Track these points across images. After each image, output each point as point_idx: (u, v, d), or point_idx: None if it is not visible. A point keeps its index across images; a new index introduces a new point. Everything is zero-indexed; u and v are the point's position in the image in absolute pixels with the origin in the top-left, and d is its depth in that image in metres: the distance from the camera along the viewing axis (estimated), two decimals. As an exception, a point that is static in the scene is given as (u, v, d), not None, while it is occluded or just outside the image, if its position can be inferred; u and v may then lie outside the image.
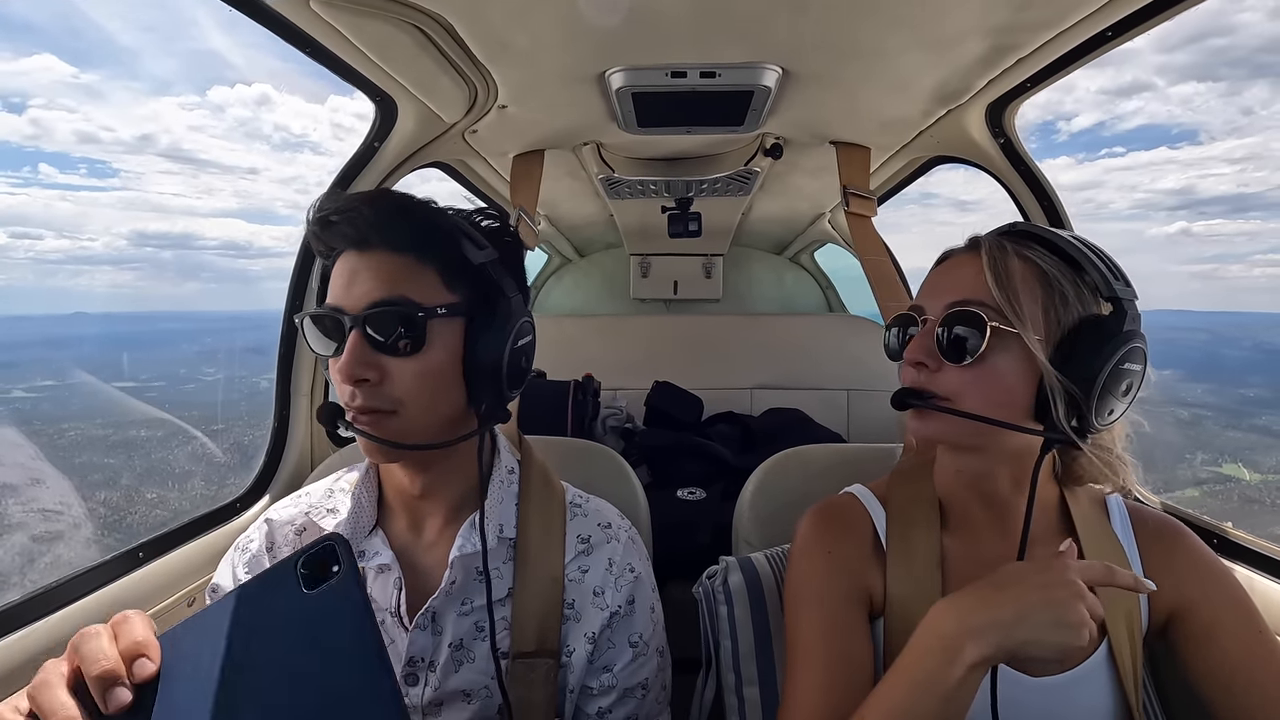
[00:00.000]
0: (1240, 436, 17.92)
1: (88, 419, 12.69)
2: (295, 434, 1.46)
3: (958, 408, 0.73)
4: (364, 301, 0.73)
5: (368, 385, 0.73)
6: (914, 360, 0.75)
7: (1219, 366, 33.70)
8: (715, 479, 2.02)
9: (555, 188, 2.28)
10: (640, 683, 0.84)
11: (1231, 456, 13.93)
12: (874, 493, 0.90)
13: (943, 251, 0.83)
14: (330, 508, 0.87)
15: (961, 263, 0.78)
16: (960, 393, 0.73)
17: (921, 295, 0.80)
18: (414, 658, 0.80)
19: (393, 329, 0.74)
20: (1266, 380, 32.73)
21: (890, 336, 0.83)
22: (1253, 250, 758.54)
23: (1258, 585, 0.96)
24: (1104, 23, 0.99)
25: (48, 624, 0.87)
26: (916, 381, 0.76)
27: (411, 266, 0.76)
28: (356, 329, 0.73)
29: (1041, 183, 1.40)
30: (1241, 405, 23.44)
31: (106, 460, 2.17)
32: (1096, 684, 0.75)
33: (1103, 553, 0.79)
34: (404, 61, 1.13)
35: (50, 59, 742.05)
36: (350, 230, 0.75)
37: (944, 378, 0.74)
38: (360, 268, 0.75)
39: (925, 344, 0.75)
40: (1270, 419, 21.81)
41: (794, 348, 2.77)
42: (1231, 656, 0.73)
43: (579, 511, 0.91)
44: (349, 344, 0.72)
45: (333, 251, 0.77)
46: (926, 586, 0.79)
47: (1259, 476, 11.96)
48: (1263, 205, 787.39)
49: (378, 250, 0.75)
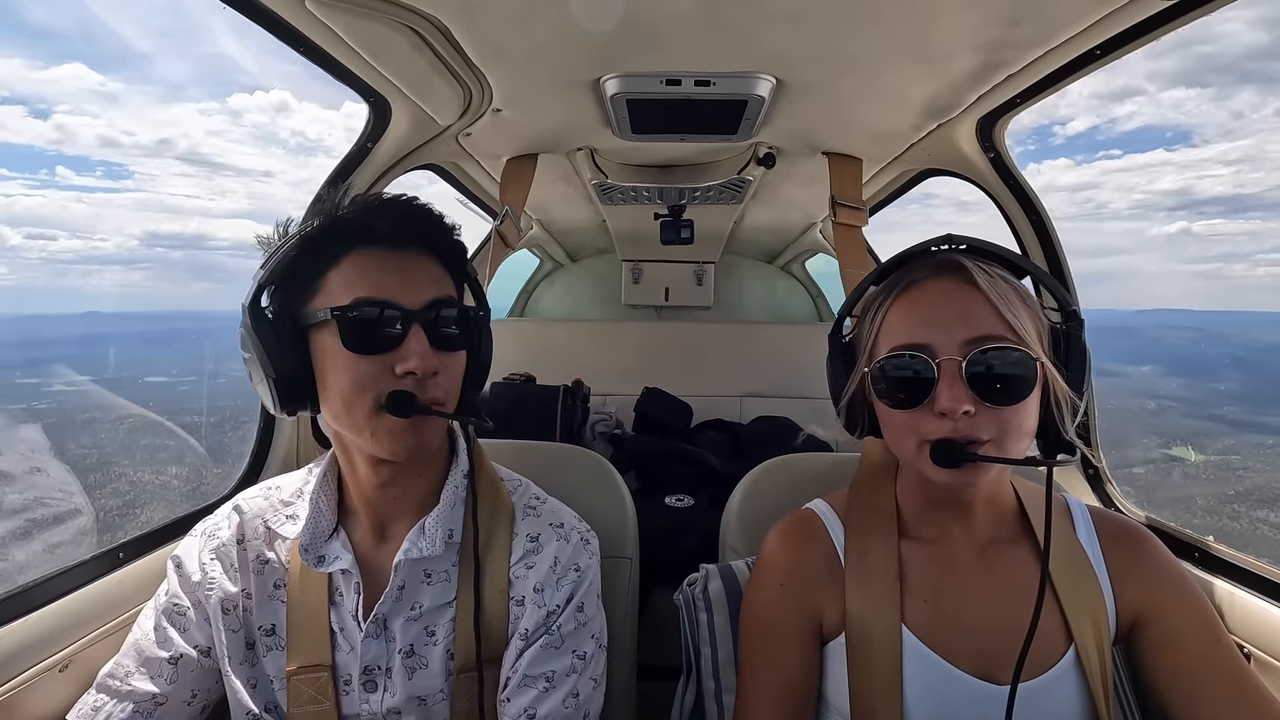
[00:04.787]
0: (1197, 424, 19.10)
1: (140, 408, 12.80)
2: (281, 435, 1.44)
3: (1006, 454, 0.70)
4: (423, 299, 0.76)
5: (433, 378, 0.76)
6: (960, 409, 0.68)
7: (1198, 362, 34.53)
8: (703, 486, 2.03)
9: (548, 192, 2.28)
10: (544, 674, 0.80)
11: (1183, 441, 14.81)
12: (833, 506, 0.90)
13: (892, 268, 0.78)
14: (290, 514, 0.87)
15: (950, 290, 0.73)
16: (1004, 434, 0.69)
17: (915, 331, 0.73)
18: (369, 665, 0.81)
19: (450, 327, 0.78)
20: (1240, 375, 33.65)
21: (887, 377, 0.74)
22: (1255, 250, 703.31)
23: (1238, 600, 0.97)
24: (1093, 41, 1.00)
25: (26, 623, 0.86)
26: (957, 431, 0.69)
27: (440, 269, 0.81)
28: (418, 324, 0.75)
29: (1030, 197, 1.42)
30: (1208, 397, 24.55)
31: (168, 442, 2.21)
32: (1065, 689, 0.75)
33: (1067, 557, 0.80)
34: (398, 63, 1.13)
35: (79, 68, 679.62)
36: (388, 228, 0.77)
37: (981, 423, 0.69)
38: (408, 266, 0.77)
39: (961, 390, 0.69)
40: (1230, 409, 22.90)
41: (784, 356, 2.79)
42: (1191, 663, 0.74)
43: (532, 512, 0.91)
44: (415, 337, 0.74)
45: (339, 249, 0.77)
46: (884, 600, 0.79)
47: (1203, 457, 13.03)
48: (1262, 206, 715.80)
49: (414, 251, 0.79)
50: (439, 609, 0.83)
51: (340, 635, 0.82)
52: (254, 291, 0.75)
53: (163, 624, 0.83)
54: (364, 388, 0.74)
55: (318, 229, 0.77)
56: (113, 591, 0.98)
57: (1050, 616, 0.76)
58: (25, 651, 0.85)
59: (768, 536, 0.90)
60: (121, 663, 0.82)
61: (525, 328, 3.19)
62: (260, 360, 0.75)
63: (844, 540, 0.85)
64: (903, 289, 0.76)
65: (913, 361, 0.72)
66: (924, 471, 0.73)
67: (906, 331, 0.73)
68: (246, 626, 0.84)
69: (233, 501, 0.90)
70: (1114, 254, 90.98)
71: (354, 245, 0.76)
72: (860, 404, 0.82)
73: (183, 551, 0.87)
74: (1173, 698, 0.75)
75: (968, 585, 0.80)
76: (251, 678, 0.83)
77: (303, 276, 0.76)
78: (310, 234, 0.76)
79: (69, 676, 0.89)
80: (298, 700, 0.81)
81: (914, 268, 0.76)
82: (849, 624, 0.80)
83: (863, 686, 0.77)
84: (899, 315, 0.75)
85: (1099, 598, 0.79)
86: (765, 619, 0.84)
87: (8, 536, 1.18)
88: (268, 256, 0.77)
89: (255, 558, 0.86)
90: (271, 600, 0.84)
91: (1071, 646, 0.76)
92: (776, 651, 0.82)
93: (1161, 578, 0.80)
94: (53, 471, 1.30)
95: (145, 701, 0.79)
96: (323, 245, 0.77)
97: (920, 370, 0.71)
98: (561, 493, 0.99)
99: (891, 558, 0.81)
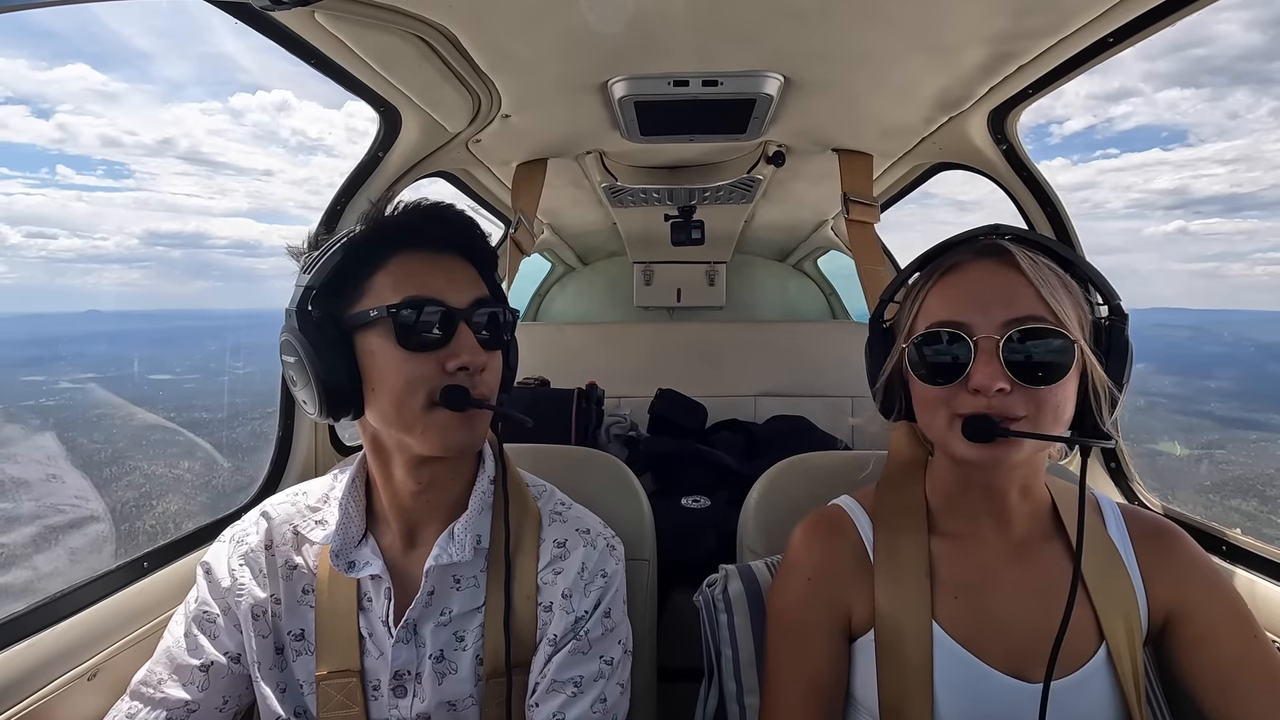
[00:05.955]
0: (1184, 420, 19.35)
1: (149, 405, 13.19)
2: (299, 443, 1.46)
3: (1042, 430, 0.69)
4: (468, 298, 0.78)
5: (481, 374, 0.78)
6: (994, 387, 0.69)
7: (1191, 360, 34.39)
8: (719, 486, 2.02)
9: (558, 196, 2.29)
10: (572, 679, 0.81)
11: (1169, 436, 15.13)
12: (861, 503, 0.90)
13: (937, 253, 0.79)
14: (319, 519, 0.88)
15: (993, 272, 0.73)
16: (1039, 414, 0.69)
17: (954, 310, 0.73)
18: (399, 670, 0.81)
19: (496, 326, 0.81)
20: (1231, 373, 33.57)
21: (924, 354, 0.75)
22: (1253, 249, 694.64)
23: (1260, 589, 0.96)
24: (1105, 29, 0.99)
25: (53, 633, 0.87)
26: (991, 408, 0.70)
27: (475, 273, 0.82)
28: (464, 322, 0.77)
29: (1045, 189, 1.40)
30: (1198, 394, 24.79)
31: (177, 439, 2.24)
32: (1097, 687, 0.74)
33: (1099, 554, 0.79)
34: (408, 72, 1.14)
35: (84, 68, 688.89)
36: (437, 231, 0.79)
37: (1016, 401, 0.69)
38: (450, 268, 0.79)
39: (997, 367, 0.69)
40: (1218, 406, 23.26)
41: (797, 355, 2.77)
42: (1227, 660, 0.73)
43: (558, 518, 0.91)
44: (463, 336, 0.76)
45: (385, 252, 0.78)
46: (915, 597, 0.79)
47: (1187, 451, 13.50)
48: (1258, 205, 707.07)
49: (454, 255, 0.81)
50: (468, 614, 0.84)
51: (369, 640, 0.83)
52: (300, 296, 0.75)
53: (193, 631, 0.84)
54: (416, 385, 0.75)
55: (364, 233, 0.77)
56: (138, 600, 1.00)
57: (1082, 614, 0.75)
58: (54, 661, 0.87)
59: (794, 533, 0.89)
60: (154, 670, 0.83)
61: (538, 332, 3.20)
62: (310, 364, 0.74)
63: (873, 536, 0.85)
64: (944, 272, 0.77)
65: (950, 338, 0.72)
66: (952, 449, 0.73)
67: (946, 310, 0.74)
68: (275, 632, 0.85)
69: (260, 507, 0.91)
70: (1111, 253, 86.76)
71: (400, 248, 0.78)
72: (897, 385, 0.83)
73: (212, 557, 0.88)
74: (1208, 695, 0.73)
75: (999, 582, 0.79)
76: (281, 683, 0.84)
77: (348, 280, 0.77)
78: (357, 238, 0.77)
79: (97, 685, 0.90)
80: (326, 705, 0.82)
81: (957, 252, 0.77)
82: (878, 620, 0.79)
83: (892, 683, 0.76)
84: (939, 296, 0.76)
85: (1131, 596, 0.77)
86: (792, 616, 0.84)
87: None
88: (312, 261, 0.77)
89: (284, 563, 0.86)
90: (300, 605, 0.85)
91: (1103, 645, 0.75)
92: (804, 649, 0.82)
93: (1194, 575, 0.78)
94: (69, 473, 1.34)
95: (178, 708, 0.81)
96: (369, 249, 0.77)
97: (957, 347, 0.72)
98: (579, 496, 0.99)
99: (922, 553, 0.81)
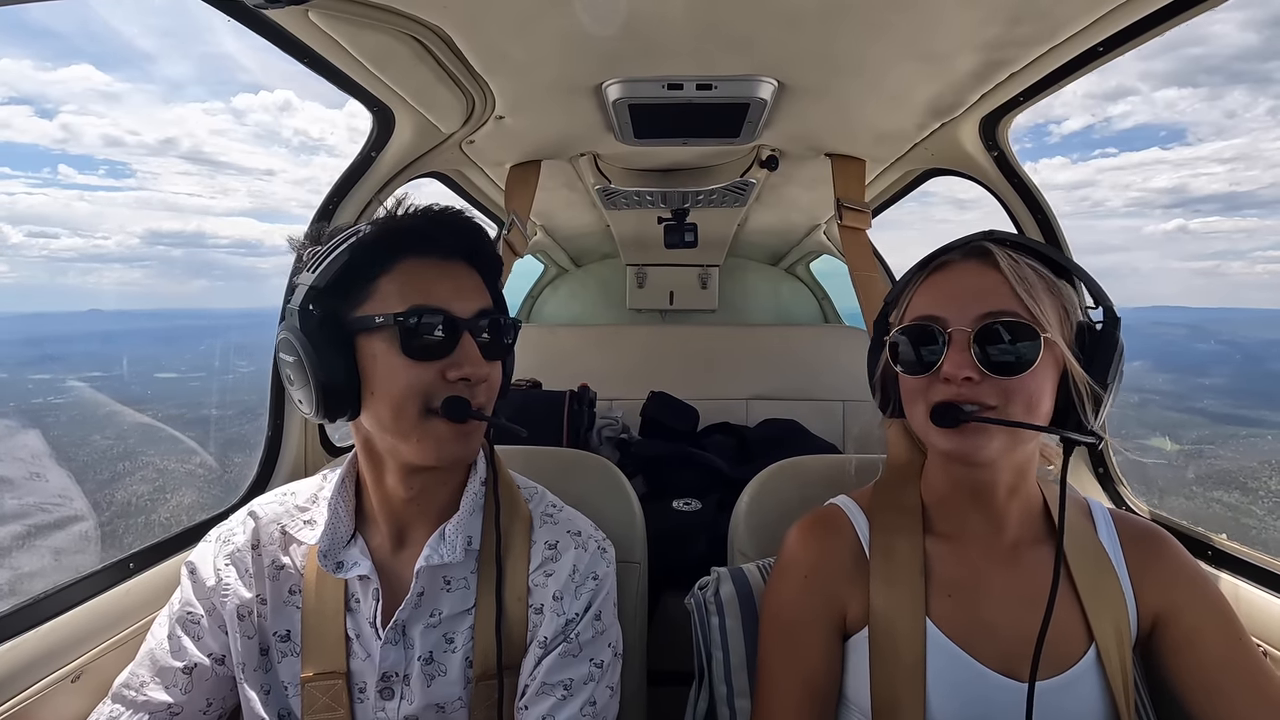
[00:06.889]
0: (1177, 416, 19.80)
1: (157, 402, 13.23)
2: (289, 444, 1.45)
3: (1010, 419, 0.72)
4: (473, 308, 0.77)
5: (481, 384, 0.77)
6: (961, 375, 0.72)
7: (1186, 358, 34.80)
8: (711, 489, 2.02)
9: (552, 198, 2.29)
10: (562, 681, 0.81)
11: (1161, 432, 15.50)
12: (858, 502, 0.91)
13: (933, 256, 0.82)
14: (307, 519, 0.87)
15: (974, 271, 0.77)
16: (1008, 404, 0.72)
17: (934, 305, 0.77)
18: (387, 672, 0.81)
19: (498, 335, 0.80)
20: (1225, 370, 34.04)
21: (904, 346, 0.79)
22: (1253, 247, 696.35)
23: (1243, 594, 0.96)
24: (1095, 38, 1.00)
25: (37, 634, 0.86)
26: (960, 396, 0.73)
27: (480, 281, 0.82)
28: (468, 332, 0.76)
29: (1035, 196, 1.41)
30: (1191, 391, 25.24)
31: (188, 433, 2.23)
32: (1086, 688, 0.75)
33: (1088, 557, 0.80)
34: (402, 72, 1.14)
35: (88, 68, 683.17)
36: (448, 238, 0.78)
37: (986, 390, 0.72)
38: (457, 275, 0.78)
39: (966, 357, 0.72)
40: (1210, 402, 23.88)
41: (789, 359, 2.78)
42: (1212, 663, 0.74)
43: (550, 520, 0.91)
44: (466, 346, 0.76)
45: (394, 255, 0.77)
46: (909, 596, 0.79)
47: (1177, 447, 13.96)
48: (1257, 203, 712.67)
49: (461, 262, 0.80)
50: (458, 616, 0.83)
51: (356, 642, 0.82)
52: (304, 295, 0.74)
53: (176, 632, 0.83)
54: (416, 393, 0.74)
55: (372, 235, 0.76)
56: (123, 601, 0.99)
57: (1071, 615, 0.77)
58: (37, 663, 0.86)
59: (790, 532, 0.90)
60: (136, 672, 0.82)
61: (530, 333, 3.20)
62: (309, 364, 0.73)
63: (869, 535, 0.86)
64: (932, 270, 0.81)
65: (925, 331, 0.76)
66: (930, 440, 0.77)
67: (927, 305, 0.78)
68: (261, 632, 0.84)
69: (248, 507, 0.90)
70: (1111, 251, 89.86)
71: (408, 254, 0.77)
72: (890, 381, 0.85)
73: (197, 557, 0.87)
74: (1193, 698, 0.74)
75: (992, 582, 0.80)
76: (265, 685, 0.83)
77: (353, 282, 0.76)
78: (365, 239, 0.75)
79: (80, 687, 0.89)
80: (312, 707, 0.81)
81: (948, 254, 0.80)
82: (873, 618, 0.80)
83: (885, 680, 0.77)
84: (924, 293, 0.80)
85: (1120, 599, 0.79)
86: (788, 615, 0.84)
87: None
88: (316, 258, 0.76)
89: (271, 563, 0.86)
90: (286, 606, 0.84)
91: (1092, 646, 0.76)
92: (799, 647, 0.82)
93: (1181, 579, 0.80)
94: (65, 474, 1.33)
95: (160, 711, 0.80)
96: (377, 251, 0.76)
97: (931, 339, 0.76)
98: (570, 498, 0.99)
99: (917, 553, 0.82)
